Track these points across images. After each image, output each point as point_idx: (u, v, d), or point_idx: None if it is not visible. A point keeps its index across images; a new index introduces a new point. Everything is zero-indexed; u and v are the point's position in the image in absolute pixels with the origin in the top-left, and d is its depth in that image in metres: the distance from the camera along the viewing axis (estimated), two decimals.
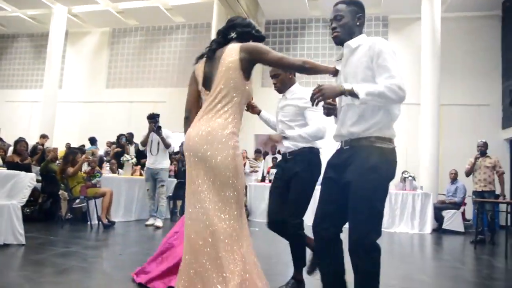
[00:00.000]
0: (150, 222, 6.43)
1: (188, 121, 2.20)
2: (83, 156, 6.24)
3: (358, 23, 2.13)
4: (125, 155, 8.35)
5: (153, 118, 6.45)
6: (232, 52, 2.09)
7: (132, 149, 9.85)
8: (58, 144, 12.17)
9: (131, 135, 10.26)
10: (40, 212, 6.32)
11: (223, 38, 2.21)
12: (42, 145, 10.70)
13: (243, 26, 2.23)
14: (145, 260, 3.19)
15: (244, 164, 7.61)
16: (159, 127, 6.38)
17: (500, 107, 10.72)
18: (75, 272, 3.33)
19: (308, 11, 12.24)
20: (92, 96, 14.31)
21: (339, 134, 2.13)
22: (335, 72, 2.19)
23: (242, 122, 2.13)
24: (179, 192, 7.78)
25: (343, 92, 1.91)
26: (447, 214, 8.15)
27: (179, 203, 8.34)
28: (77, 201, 5.93)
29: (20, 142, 7.12)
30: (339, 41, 2.15)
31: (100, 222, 5.99)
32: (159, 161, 6.54)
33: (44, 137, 11.03)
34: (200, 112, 2.11)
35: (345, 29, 2.12)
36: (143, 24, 14.09)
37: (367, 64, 1.99)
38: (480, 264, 4.99)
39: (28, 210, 6.03)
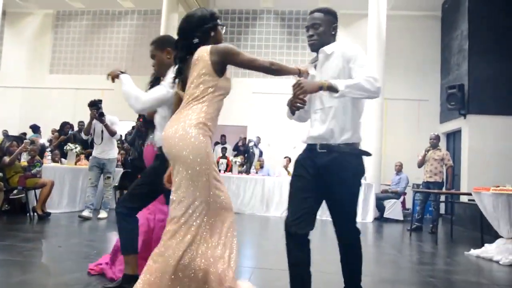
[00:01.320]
0: (85, 214, 5.99)
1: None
2: (22, 145, 5.92)
3: (333, 32, 2.25)
4: (69, 144, 8.03)
5: (94, 105, 5.93)
6: (202, 56, 2.08)
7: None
8: None
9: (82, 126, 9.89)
10: None
11: (185, 51, 2.17)
12: None
13: (198, 26, 2.17)
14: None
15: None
16: (102, 114, 5.90)
17: (439, 103, 11.39)
18: (8, 266, 3.20)
19: (260, 3, 12.30)
20: (35, 81, 13.54)
21: (313, 136, 2.17)
22: (299, 73, 2.23)
23: (215, 116, 2.10)
24: (124, 182, 7.61)
25: (321, 87, 1.99)
26: (388, 203, 8.60)
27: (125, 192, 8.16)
28: (15, 191, 5.65)
29: None
30: (315, 49, 2.24)
31: (35, 213, 5.74)
32: (107, 151, 6.25)
33: None
34: (177, 112, 2.11)
35: (321, 37, 2.21)
36: (90, 7, 13.48)
37: (342, 68, 2.10)
38: (412, 250, 5.35)
39: None
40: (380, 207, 8.63)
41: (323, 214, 3.13)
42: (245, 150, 11.15)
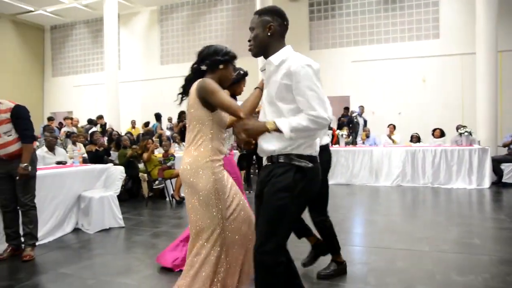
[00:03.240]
0: None
1: None
2: (153, 144, 6.97)
3: (269, 33, 2.04)
4: None
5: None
6: (192, 92, 2.34)
7: None
8: (125, 122, 13.30)
9: None
10: (125, 192, 7.24)
11: (195, 74, 2.43)
12: (102, 124, 11.86)
13: (210, 55, 2.41)
14: None
15: None
16: None
17: None
18: None
19: None
20: (148, 73, 15.17)
21: (262, 150, 2.12)
22: (262, 89, 2.22)
23: (220, 142, 2.40)
24: (241, 163, 8.41)
25: (267, 130, 1.95)
26: (507, 167, 8.15)
27: (243, 173, 9.01)
28: (156, 182, 6.75)
29: (95, 133, 8.06)
30: (254, 55, 2.12)
31: (173, 199, 6.81)
32: None
33: (100, 117, 12.26)
34: (185, 147, 2.44)
35: (256, 41, 2.08)
36: None
37: (285, 87, 1.97)
38: None
39: None
40: (497, 171, 8.22)
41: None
42: (349, 121, 11.29)
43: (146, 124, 12.33)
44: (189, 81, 2.44)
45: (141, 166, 7.27)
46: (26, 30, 16.46)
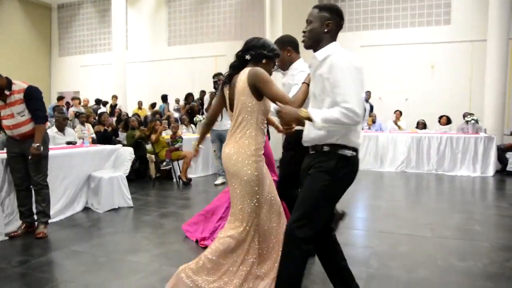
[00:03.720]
0: (219, 181, 6.93)
1: (207, 126, 2.80)
2: (161, 126, 7.03)
3: (326, 30, 2.10)
4: (197, 115, 9.16)
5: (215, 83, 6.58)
6: (242, 78, 2.37)
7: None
8: (132, 103, 13.37)
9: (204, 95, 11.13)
10: (132, 172, 7.34)
11: (239, 61, 2.48)
12: (115, 105, 11.96)
13: (257, 47, 2.45)
14: None
15: None
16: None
17: None
18: (179, 232, 4.17)
19: None
20: (156, 54, 15.13)
21: (306, 140, 2.21)
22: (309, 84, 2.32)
23: (262, 131, 2.48)
24: None
25: (299, 117, 2.01)
26: (511, 156, 8.18)
27: None
28: (164, 163, 6.85)
29: (103, 114, 8.15)
30: (306, 47, 2.18)
31: (180, 180, 6.92)
32: (224, 123, 6.56)
33: (115, 97, 12.35)
34: (229, 131, 2.49)
35: (311, 34, 2.13)
36: None
37: (328, 81, 2.02)
38: None
39: None
40: (502, 159, 8.25)
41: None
42: None
43: (153, 105, 12.40)
44: (233, 68, 2.48)
45: (148, 147, 7.37)
46: (33, 9, 16.40)
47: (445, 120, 9.52)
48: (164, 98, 12.48)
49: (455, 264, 3.18)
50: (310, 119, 1.98)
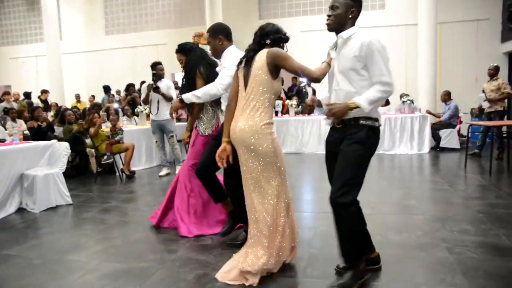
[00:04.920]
0: (163, 172, 6.77)
1: (229, 108, 2.74)
2: (100, 119, 6.73)
3: (350, 16, 2.38)
4: (138, 106, 8.86)
5: (153, 75, 6.48)
6: (261, 57, 2.57)
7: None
8: (69, 96, 12.70)
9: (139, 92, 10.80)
10: (72, 169, 7.00)
11: (258, 45, 2.65)
12: (45, 100, 11.29)
13: (274, 33, 2.67)
14: None
15: None
16: (157, 87, 6.42)
17: (500, 21, 10.73)
18: (122, 226, 4.05)
19: None
20: (93, 45, 14.44)
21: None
22: (330, 64, 2.57)
23: (272, 110, 2.70)
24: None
25: (350, 109, 2.27)
26: (444, 133, 8.71)
27: None
28: (105, 157, 6.58)
29: (36, 108, 7.68)
30: (330, 29, 2.45)
31: (123, 174, 6.69)
32: (163, 112, 6.61)
33: (45, 92, 11.66)
34: (239, 108, 2.63)
35: (337, 19, 2.39)
36: None
37: (358, 57, 2.30)
38: (466, 183, 5.64)
39: None
40: (436, 137, 8.77)
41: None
42: (297, 91, 11.44)
43: (93, 98, 11.86)
44: (253, 51, 2.64)
45: (88, 141, 7.04)
46: None
47: (384, 102, 9.91)
48: (107, 89, 11.93)
49: (391, 238, 3.34)
50: (357, 107, 2.25)
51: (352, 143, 2.34)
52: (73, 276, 2.80)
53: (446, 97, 8.83)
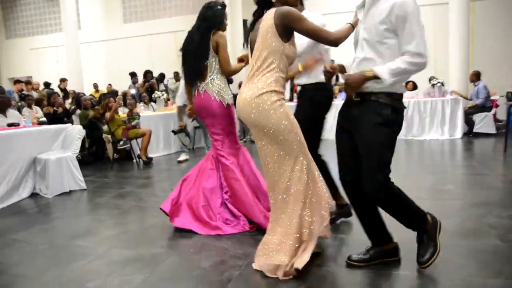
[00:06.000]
0: (182, 158, 6.52)
1: None
2: (116, 102, 6.53)
3: None
4: (156, 92, 8.65)
5: None
6: (268, 18, 2.17)
7: (162, 86, 10.16)
8: (88, 85, 12.62)
9: (162, 76, 10.56)
10: (89, 155, 6.84)
11: (262, 6, 2.27)
12: (64, 89, 11.21)
13: None
14: None
15: None
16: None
17: None
18: (136, 212, 3.81)
19: None
20: (111, 33, 14.30)
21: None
22: (354, 27, 2.26)
23: (284, 79, 2.25)
24: None
25: (368, 79, 1.98)
26: (478, 117, 8.15)
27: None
28: (121, 143, 6.37)
29: (53, 94, 7.53)
30: None
31: (140, 160, 6.48)
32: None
33: (64, 80, 11.56)
34: (245, 77, 2.28)
35: None
36: None
37: (386, 21, 1.97)
38: (508, 167, 5.17)
39: (79, 156, 6.56)
40: (469, 122, 8.23)
41: None
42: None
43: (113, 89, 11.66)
44: (259, 14, 2.28)
45: (104, 127, 6.85)
46: None
47: (412, 85, 9.41)
48: (133, 75, 11.60)
49: None
50: (376, 77, 1.95)
51: (377, 127, 2.03)
52: (78, 263, 2.56)
53: (474, 77, 8.29)
